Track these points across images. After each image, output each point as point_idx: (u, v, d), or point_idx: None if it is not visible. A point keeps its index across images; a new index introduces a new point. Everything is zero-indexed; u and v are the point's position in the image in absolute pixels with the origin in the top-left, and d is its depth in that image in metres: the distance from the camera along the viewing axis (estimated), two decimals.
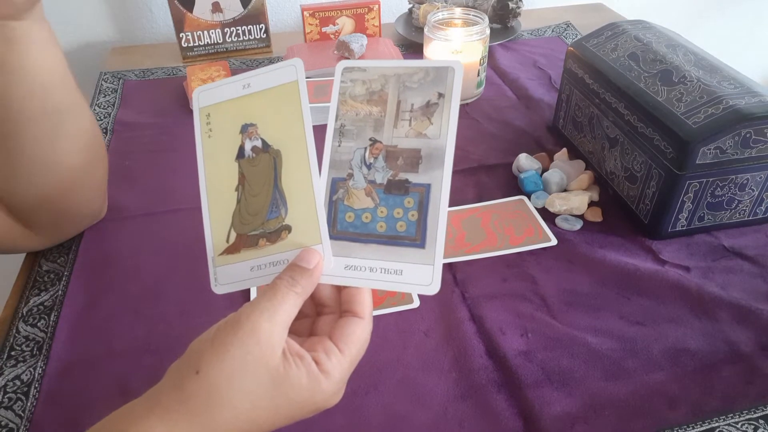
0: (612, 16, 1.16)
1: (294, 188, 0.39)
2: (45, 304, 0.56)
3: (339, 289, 0.39)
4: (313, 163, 0.38)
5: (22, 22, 0.47)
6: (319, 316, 0.40)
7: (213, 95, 0.41)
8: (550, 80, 0.92)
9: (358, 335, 0.36)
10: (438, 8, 0.89)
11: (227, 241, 0.40)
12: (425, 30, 0.84)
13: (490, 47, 0.97)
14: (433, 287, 0.37)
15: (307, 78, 0.88)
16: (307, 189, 0.38)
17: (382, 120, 0.38)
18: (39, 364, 0.50)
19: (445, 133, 0.37)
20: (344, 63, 0.40)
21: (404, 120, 0.38)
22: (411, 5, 1.09)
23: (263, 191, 0.39)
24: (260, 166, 0.39)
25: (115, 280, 0.58)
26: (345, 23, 1.00)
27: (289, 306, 0.35)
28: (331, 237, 0.38)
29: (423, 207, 0.37)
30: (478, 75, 0.85)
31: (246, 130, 0.40)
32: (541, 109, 0.84)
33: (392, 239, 0.38)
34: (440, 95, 0.38)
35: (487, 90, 0.90)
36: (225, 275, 0.39)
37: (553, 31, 1.09)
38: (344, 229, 0.38)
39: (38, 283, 0.59)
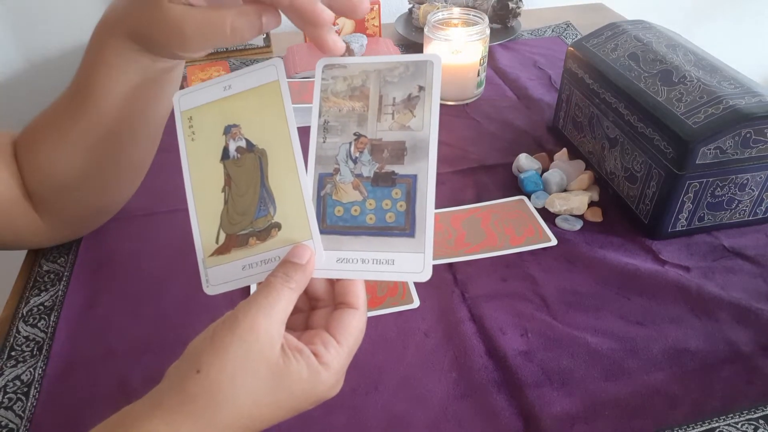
0: (612, 16, 1.16)
1: (281, 186, 0.39)
2: (45, 304, 0.56)
3: (332, 283, 0.39)
4: (299, 160, 0.38)
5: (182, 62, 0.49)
6: (313, 310, 0.40)
7: (194, 98, 0.41)
8: (550, 80, 0.92)
9: (354, 326, 0.37)
10: (438, 8, 0.89)
11: (217, 241, 0.40)
12: (425, 30, 0.84)
13: (490, 47, 0.97)
14: (425, 274, 0.37)
15: (306, 78, 0.89)
16: (294, 186, 0.38)
17: (365, 114, 0.39)
18: (39, 364, 0.50)
19: (428, 125, 0.38)
20: (324, 60, 0.40)
21: (387, 113, 0.39)
22: (411, 5, 1.09)
23: (250, 191, 0.39)
24: (246, 167, 0.39)
25: (115, 280, 0.58)
26: (345, 23, 1.00)
27: (284, 302, 0.35)
28: (322, 231, 0.38)
29: (411, 197, 0.38)
30: (478, 75, 0.85)
31: (229, 131, 0.40)
32: (541, 109, 0.84)
33: (382, 230, 0.38)
34: (421, 88, 0.38)
35: (487, 90, 0.90)
36: (216, 276, 0.40)
37: (553, 31, 1.09)
38: (334, 223, 0.39)
39: (38, 284, 0.59)
